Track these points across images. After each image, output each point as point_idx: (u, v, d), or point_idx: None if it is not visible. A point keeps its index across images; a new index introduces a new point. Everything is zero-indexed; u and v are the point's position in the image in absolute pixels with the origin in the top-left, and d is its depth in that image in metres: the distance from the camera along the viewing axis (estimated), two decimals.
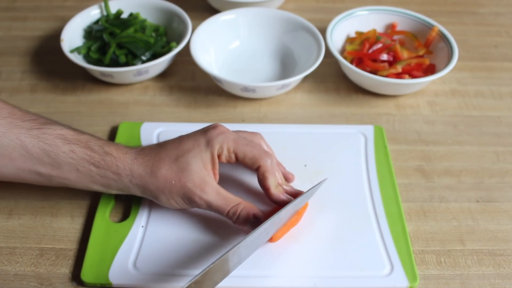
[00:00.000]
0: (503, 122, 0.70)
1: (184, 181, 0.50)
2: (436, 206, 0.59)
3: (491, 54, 0.82)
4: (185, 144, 0.52)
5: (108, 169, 0.51)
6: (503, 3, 0.94)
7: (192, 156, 0.51)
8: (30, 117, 0.51)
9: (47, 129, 0.50)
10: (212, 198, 0.51)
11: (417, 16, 0.78)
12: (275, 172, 0.53)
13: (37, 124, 0.50)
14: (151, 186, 0.51)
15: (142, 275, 0.51)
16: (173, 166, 0.51)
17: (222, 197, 0.51)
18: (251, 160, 0.52)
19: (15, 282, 0.51)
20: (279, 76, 0.75)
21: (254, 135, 0.56)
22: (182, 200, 0.51)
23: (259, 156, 0.52)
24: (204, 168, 0.51)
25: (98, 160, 0.50)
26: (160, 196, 0.51)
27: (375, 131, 0.66)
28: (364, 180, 0.60)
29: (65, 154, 0.50)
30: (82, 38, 0.77)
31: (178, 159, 0.51)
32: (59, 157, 0.50)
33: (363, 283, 0.51)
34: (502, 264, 0.54)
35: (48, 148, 0.50)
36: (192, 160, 0.51)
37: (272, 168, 0.53)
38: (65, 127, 0.52)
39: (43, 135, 0.50)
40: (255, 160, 0.52)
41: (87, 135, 0.52)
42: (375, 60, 0.73)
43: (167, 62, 0.73)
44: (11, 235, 0.55)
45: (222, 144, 0.51)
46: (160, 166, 0.51)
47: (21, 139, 0.49)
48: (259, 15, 0.78)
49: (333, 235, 0.54)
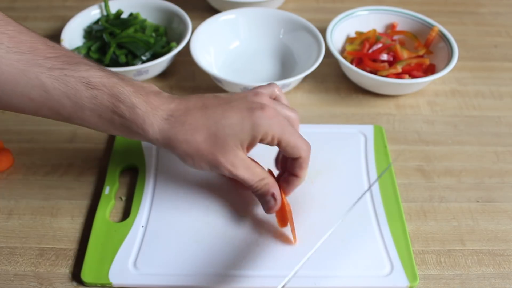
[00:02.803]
0: (503, 122, 0.70)
1: (217, 155, 0.48)
2: (436, 206, 0.59)
3: (491, 54, 0.82)
4: (228, 118, 0.48)
5: (133, 122, 0.47)
6: (503, 3, 0.94)
7: (233, 135, 0.48)
8: (54, 53, 0.47)
9: (71, 70, 0.46)
10: (241, 172, 0.49)
11: (417, 16, 0.78)
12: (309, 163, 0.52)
13: (60, 63, 0.46)
14: (180, 150, 0.48)
15: (142, 275, 0.51)
16: (208, 139, 0.48)
17: (250, 171, 0.50)
18: (293, 150, 0.50)
19: (15, 282, 0.51)
20: (279, 76, 0.75)
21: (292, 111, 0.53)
22: (209, 167, 0.49)
23: (302, 146, 0.50)
24: (240, 147, 0.49)
25: (123, 110, 0.47)
26: (187, 160, 0.49)
27: (375, 131, 0.66)
28: (364, 180, 0.60)
29: (87, 99, 0.46)
30: (82, 38, 0.77)
31: (217, 134, 0.48)
32: (80, 101, 0.46)
33: (363, 283, 0.51)
34: (502, 264, 0.54)
35: (69, 92, 0.46)
36: (230, 139, 0.48)
37: (309, 159, 0.52)
38: (92, 68, 0.47)
39: (65, 77, 0.46)
40: (297, 150, 0.50)
41: (115, 78, 0.48)
42: (375, 60, 0.73)
43: (167, 62, 0.73)
44: (11, 235, 0.55)
45: (268, 130, 0.48)
46: (195, 135, 0.48)
47: (41, 79, 0.45)
48: (259, 15, 0.78)
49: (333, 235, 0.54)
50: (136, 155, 0.62)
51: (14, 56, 0.45)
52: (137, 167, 0.61)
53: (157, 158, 0.62)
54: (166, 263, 0.52)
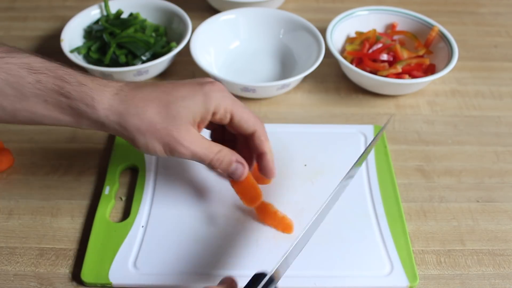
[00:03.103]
0: (503, 122, 0.70)
1: (171, 129, 0.47)
2: (436, 206, 0.59)
3: (491, 54, 0.82)
4: (179, 91, 0.48)
5: (81, 100, 0.46)
6: (503, 3, 0.94)
7: (185, 106, 0.47)
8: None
9: (11, 57, 0.45)
10: (196, 148, 0.48)
11: (417, 16, 0.78)
12: (267, 136, 0.52)
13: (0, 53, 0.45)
14: (132, 126, 0.47)
15: (142, 275, 0.51)
16: (162, 110, 0.47)
17: (205, 146, 0.49)
18: (247, 124, 0.50)
19: (15, 282, 0.51)
20: (279, 76, 0.75)
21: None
22: (162, 147, 0.48)
23: (255, 120, 0.50)
24: (192, 120, 0.48)
25: (69, 90, 0.45)
26: (139, 138, 0.47)
27: (375, 131, 0.66)
28: (364, 180, 0.60)
29: (30, 85, 0.45)
30: (82, 38, 0.77)
31: (169, 105, 0.47)
32: (24, 88, 0.45)
33: (363, 283, 0.51)
34: (502, 264, 0.54)
35: (11, 79, 0.45)
36: (183, 110, 0.47)
37: (265, 132, 0.51)
38: (32, 55, 0.46)
39: (5, 65, 0.44)
40: (252, 124, 0.50)
41: (57, 63, 0.47)
42: (375, 60, 0.73)
43: (167, 62, 0.73)
44: (11, 235, 0.55)
45: (221, 102, 0.48)
46: (147, 108, 0.47)
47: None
48: (259, 15, 0.78)
49: (333, 235, 0.54)
50: (136, 155, 0.62)
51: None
52: (137, 167, 0.61)
53: (157, 158, 0.62)
54: (166, 263, 0.52)
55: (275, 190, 0.57)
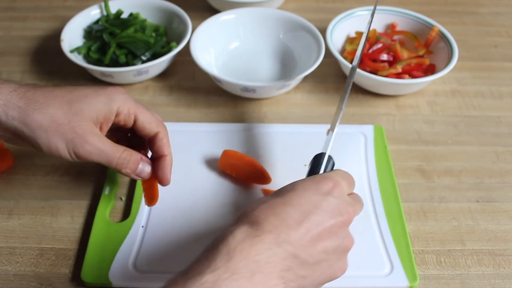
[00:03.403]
0: (503, 122, 0.70)
1: (74, 125, 0.46)
2: (436, 206, 0.59)
3: (491, 54, 0.82)
4: (81, 90, 0.48)
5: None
6: (503, 3, 0.94)
7: (88, 103, 0.47)
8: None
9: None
10: (102, 145, 0.47)
11: (417, 16, 0.78)
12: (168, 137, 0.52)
13: None
14: (33, 122, 0.45)
15: (142, 275, 0.51)
16: (64, 106, 0.46)
17: (110, 144, 0.48)
18: (150, 125, 0.50)
19: (15, 282, 0.51)
20: (279, 76, 0.75)
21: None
22: (65, 146, 0.46)
23: (159, 122, 0.51)
24: (96, 119, 0.48)
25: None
26: (41, 135, 0.46)
27: (375, 131, 0.66)
28: (364, 180, 0.60)
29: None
30: (82, 38, 0.77)
31: (72, 103, 0.47)
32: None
33: (363, 283, 0.51)
34: (502, 264, 0.54)
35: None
36: (86, 107, 0.47)
37: (167, 134, 0.52)
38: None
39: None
40: (155, 125, 0.50)
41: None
42: (375, 60, 0.73)
43: (167, 62, 0.73)
44: (11, 235, 0.55)
45: (124, 103, 0.49)
46: (49, 103, 0.46)
47: None
48: (259, 15, 0.78)
49: None
50: None
51: None
52: None
53: None
54: (166, 263, 0.52)
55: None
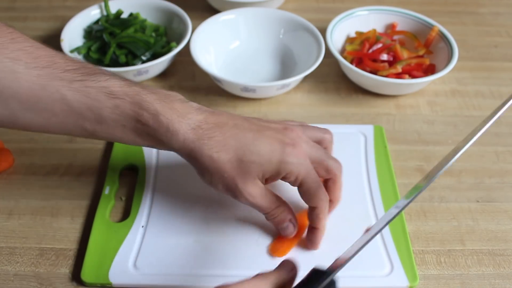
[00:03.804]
0: (503, 122, 0.70)
1: (237, 180, 0.47)
2: (436, 206, 0.59)
3: (491, 54, 0.82)
4: (257, 146, 0.47)
5: (157, 129, 0.46)
6: (503, 3, 0.94)
7: (257, 166, 0.47)
8: (72, 65, 0.47)
9: (91, 81, 0.46)
10: (257, 200, 0.49)
11: (417, 16, 0.78)
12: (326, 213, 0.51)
13: (80, 75, 0.46)
14: (200, 164, 0.47)
15: (142, 275, 0.51)
16: (234, 162, 0.47)
17: (267, 199, 0.49)
18: (312, 197, 0.49)
19: (15, 282, 0.51)
20: (279, 76, 0.75)
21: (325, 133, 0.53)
22: (225, 190, 0.48)
23: (320, 197, 0.49)
24: (262, 176, 0.48)
25: (147, 118, 0.46)
26: (205, 175, 0.48)
27: (375, 131, 0.66)
28: (364, 180, 0.60)
29: (109, 109, 0.46)
30: (82, 38, 0.77)
31: (243, 160, 0.47)
32: (102, 112, 0.46)
33: (363, 283, 0.51)
34: (502, 264, 0.54)
35: (91, 103, 0.45)
36: (255, 167, 0.47)
37: (326, 211, 0.51)
38: (111, 78, 0.47)
39: (85, 89, 0.45)
40: (316, 200, 0.49)
41: (137, 87, 0.47)
42: (375, 60, 0.73)
43: (167, 62, 0.73)
44: (11, 235, 0.55)
45: (294, 169, 0.47)
46: (220, 153, 0.46)
47: (62, 92, 0.45)
48: (259, 15, 0.78)
49: (333, 235, 0.54)
50: (136, 155, 0.62)
51: (33, 72, 0.45)
52: (137, 167, 0.61)
53: (157, 158, 0.62)
54: (166, 263, 0.52)
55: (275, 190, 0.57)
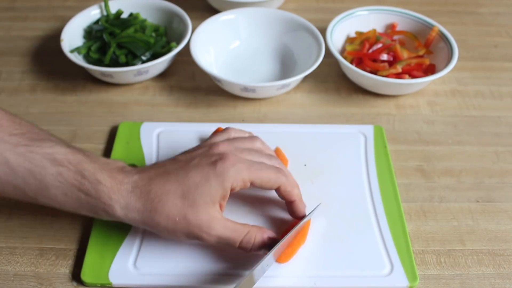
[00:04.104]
0: (503, 122, 0.70)
1: (189, 218, 0.46)
2: (436, 206, 0.59)
3: (491, 54, 0.82)
4: (191, 178, 0.47)
5: (99, 199, 0.46)
6: (503, 3, 0.94)
7: (201, 193, 0.47)
8: (19, 129, 0.47)
9: (36, 146, 0.46)
10: (221, 233, 0.47)
11: (417, 16, 0.78)
12: (295, 183, 0.51)
13: (26, 140, 0.46)
14: (151, 222, 0.47)
15: (142, 275, 0.51)
16: (177, 202, 0.46)
17: (230, 229, 0.48)
18: (269, 183, 0.49)
19: (15, 282, 0.51)
20: (279, 76, 0.75)
21: (254, 141, 0.53)
22: (186, 237, 0.48)
23: (275, 177, 0.49)
24: (211, 203, 0.47)
25: (88, 188, 0.46)
26: (162, 232, 0.48)
27: (375, 131, 0.66)
28: (364, 180, 0.60)
29: (52, 176, 0.46)
30: (82, 38, 0.77)
31: (184, 196, 0.46)
32: (45, 179, 0.46)
33: (363, 283, 0.51)
34: (502, 264, 0.54)
35: (34, 169, 0.46)
36: (199, 197, 0.46)
37: (290, 182, 0.51)
38: (57, 144, 0.47)
39: (30, 154, 0.46)
40: (273, 182, 0.49)
41: (80, 155, 0.47)
42: (375, 60, 0.73)
43: (167, 62, 0.73)
44: (11, 235, 0.55)
45: (236, 177, 0.47)
46: (163, 202, 0.46)
47: (5, 156, 0.45)
48: (259, 15, 0.78)
49: (333, 235, 0.54)
50: (136, 155, 0.62)
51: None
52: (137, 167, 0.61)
53: (157, 158, 0.62)
54: (166, 263, 0.52)
55: None
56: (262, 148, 0.53)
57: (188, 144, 0.63)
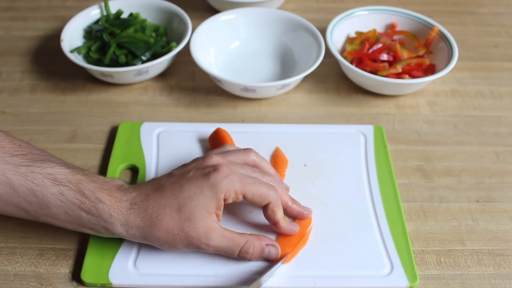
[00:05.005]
0: (503, 122, 0.70)
1: (187, 230, 0.48)
2: (436, 206, 0.59)
3: (491, 54, 0.82)
4: (186, 191, 0.48)
5: (100, 217, 0.48)
6: (503, 3, 0.94)
7: (195, 205, 0.48)
8: (20, 150, 0.49)
9: (37, 167, 0.47)
10: (219, 243, 0.49)
11: (417, 16, 0.78)
12: (280, 204, 0.52)
13: (27, 161, 0.48)
14: (151, 237, 0.49)
15: (142, 275, 0.51)
16: (174, 216, 0.48)
17: (228, 239, 0.49)
18: (260, 198, 0.50)
19: (15, 282, 0.51)
20: (279, 76, 0.75)
21: (248, 154, 0.54)
22: (186, 248, 0.49)
23: (267, 193, 0.50)
24: (207, 214, 0.48)
25: (89, 206, 0.48)
26: (162, 245, 0.49)
27: (375, 131, 0.66)
28: (364, 180, 0.60)
29: (53, 196, 0.47)
30: (82, 38, 0.77)
31: (181, 209, 0.48)
32: (47, 198, 0.47)
33: (363, 283, 0.51)
34: (502, 264, 0.54)
35: (35, 188, 0.47)
36: (195, 209, 0.48)
37: (278, 201, 0.51)
38: (57, 165, 0.49)
39: (31, 174, 0.47)
40: (264, 197, 0.50)
41: (79, 175, 0.49)
42: (375, 60, 0.73)
43: (167, 62, 0.73)
44: (11, 235, 0.55)
45: (229, 188, 0.49)
46: (160, 216, 0.48)
47: (7, 176, 0.46)
48: (259, 15, 0.78)
49: (333, 235, 0.54)
50: (136, 155, 0.62)
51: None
52: (137, 167, 0.61)
53: (157, 158, 0.62)
54: (166, 263, 0.52)
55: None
56: (257, 160, 0.54)
57: (188, 144, 0.63)
